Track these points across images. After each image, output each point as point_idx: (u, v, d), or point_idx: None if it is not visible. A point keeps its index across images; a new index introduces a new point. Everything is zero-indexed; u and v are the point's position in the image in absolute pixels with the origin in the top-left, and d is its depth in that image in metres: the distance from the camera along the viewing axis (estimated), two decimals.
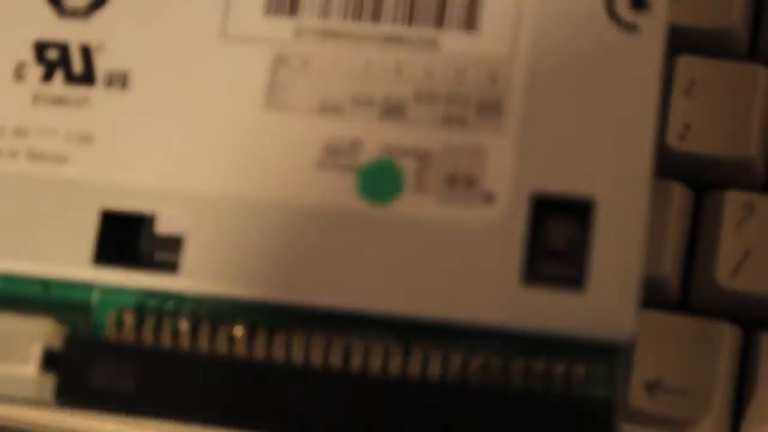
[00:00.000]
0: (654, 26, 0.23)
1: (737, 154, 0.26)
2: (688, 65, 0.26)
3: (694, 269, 0.26)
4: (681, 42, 0.26)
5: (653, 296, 0.26)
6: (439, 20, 0.24)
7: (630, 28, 0.23)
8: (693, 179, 0.26)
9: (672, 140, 0.26)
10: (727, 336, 0.25)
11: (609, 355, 0.22)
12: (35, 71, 0.25)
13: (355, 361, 0.23)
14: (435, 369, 0.23)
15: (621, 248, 0.22)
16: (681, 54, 0.26)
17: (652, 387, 0.25)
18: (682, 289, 0.26)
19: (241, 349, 0.23)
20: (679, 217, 0.26)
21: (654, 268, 0.25)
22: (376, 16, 0.24)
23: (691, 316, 0.25)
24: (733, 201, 0.25)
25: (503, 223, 0.23)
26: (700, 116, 0.26)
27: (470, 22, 0.24)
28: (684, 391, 0.25)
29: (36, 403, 0.25)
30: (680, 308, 0.26)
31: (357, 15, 0.24)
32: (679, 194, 0.26)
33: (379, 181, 0.23)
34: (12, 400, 0.25)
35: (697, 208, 0.26)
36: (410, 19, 0.24)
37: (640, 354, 0.25)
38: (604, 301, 0.22)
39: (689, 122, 0.26)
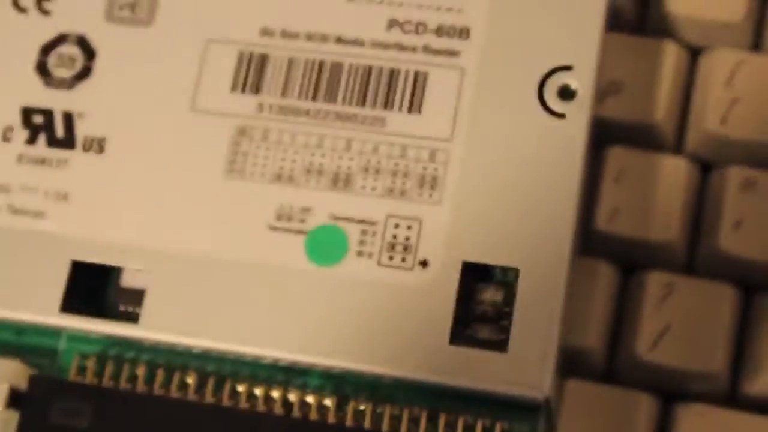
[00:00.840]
0: (579, 114, 0.25)
1: (661, 238, 0.28)
2: (617, 155, 0.28)
3: (617, 342, 0.28)
4: (612, 134, 0.28)
5: (579, 366, 0.28)
6: (387, 103, 0.26)
7: (558, 115, 0.25)
8: (620, 259, 0.28)
9: (601, 223, 0.28)
10: (645, 405, 0.27)
11: (528, 412, 0.24)
12: (21, 134, 0.27)
13: (295, 409, 0.25)
14: (368, 419, 0.25)
15: (541, 314, 0.24)
16: (611, 145, 0.28)
17: None
18: (607, 361, 0.28)
19: (192, 394, 0.25)
20: (606, 293, 0.28)
21: (580, 340, 0.27)
22: (331, 97, 0.26)
23: (613, 386, 0.27)
24: (655, 281, 0.27)
25: (435, 287, 0.25)
26: (628, 202, 0.28)
27: (414, 105, 0.26)
28: None
29: None
30: (605, 378, 0.28)
31: (314, 95, 0.26)
32: (605, 272, 0.28)
33: (326, 244, 0.25)
34: None
35: (622, 286, 0.28)
36: (361, 101, 0.26)
37: (564, 420, 0.27)
38: (524, 361, 0.24)
39: (617, 207, 0.28)
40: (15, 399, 0.25)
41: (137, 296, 0.26)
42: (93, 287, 0.26)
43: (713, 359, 0.27)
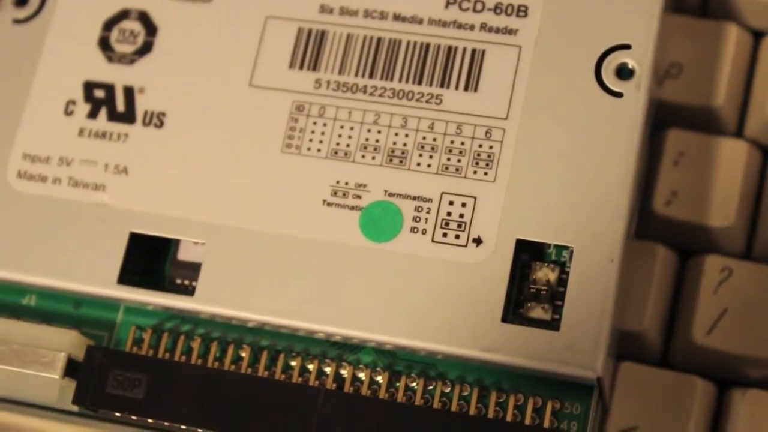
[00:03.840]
0: (637, 93, 0.25)
1: (719, 223, 0.27)
2: (677, 137, 0.28)
3: (673, 326, 0.28)
4: (672, 117, 0.28)
5: (634, 350, 0.27)
6: (444, 81, 0.26)
7: (615, 94, 0.25)
8: (677, 242, 0.28)
9: (658, 206, 0.27)
10: (700, 390, 0.27)
11: (580, 392, 0.24)
12: (83, 108, 0.28)
13: (347, 384, 0.25)
14: (419, 395, 0.25)
15: (595, 294, 0.24)
16: (671, 127, 0.28)
17: None
18: (662, 345, 0.28)
19: (245, 368, 0.26)
20: (662, 277, 0.27)
21: (636, 324, 0.27)
22: (388, 74, 0.26)
23: (668, 370, 0.27)
24: (712, 265, 0.27)
25: (489, 265, 0.25)
26: (686, 185, 0.28)
27: (471, 83, 0.26)
28: None
29: (56, 408, 0.27)
30: (660, 362, 0.28)
31: (371, 72, 0.26)
32: (662, 256, 0.28)
33: (380, 221, 0.25)
34: (35, 406, 0.27)
35: (679, 269, 0.28)
36: (418, 79, 0.26)
37: (618, 402, 0.27)
38: (577, 341, 0.24)
39: (676, 190, 0.28)
40: (72, 368, 0.26)
41: (194, 269, 0.26)
42: (150, 260, 0.27)
43: None
